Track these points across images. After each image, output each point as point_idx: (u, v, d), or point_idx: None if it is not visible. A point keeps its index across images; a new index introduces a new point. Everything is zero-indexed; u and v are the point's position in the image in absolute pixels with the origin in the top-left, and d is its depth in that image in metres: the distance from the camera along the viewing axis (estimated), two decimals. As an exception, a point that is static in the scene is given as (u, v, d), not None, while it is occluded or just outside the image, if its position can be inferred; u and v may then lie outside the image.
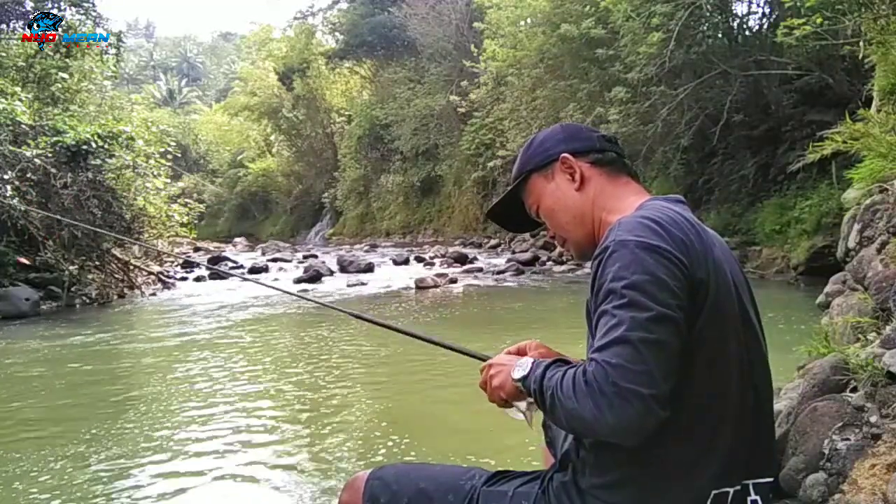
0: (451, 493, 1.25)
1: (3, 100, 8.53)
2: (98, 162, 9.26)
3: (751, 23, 11.79)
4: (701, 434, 1.06)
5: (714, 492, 1.07)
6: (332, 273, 12.67)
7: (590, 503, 1.12)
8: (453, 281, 11.01)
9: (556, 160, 1.28)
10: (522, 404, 1.21)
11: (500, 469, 1.32)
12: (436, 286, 10.36)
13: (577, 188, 1.26)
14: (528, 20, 16.19)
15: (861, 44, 5.04)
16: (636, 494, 1.08)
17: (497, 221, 1.49)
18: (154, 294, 10.26)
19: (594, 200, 1.25)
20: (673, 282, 0.99)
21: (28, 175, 8.39)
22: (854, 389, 1.58)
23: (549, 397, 1.04)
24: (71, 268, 8.77)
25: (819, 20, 5.61)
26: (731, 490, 1.08)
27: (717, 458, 1.07)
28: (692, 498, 1.07)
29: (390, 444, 3.25)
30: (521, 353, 1.33)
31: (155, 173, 10.79)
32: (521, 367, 1.14)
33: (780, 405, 1.70)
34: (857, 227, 2.51)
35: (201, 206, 15.55)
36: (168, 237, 11.91)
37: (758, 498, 1.11)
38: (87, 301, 9.06)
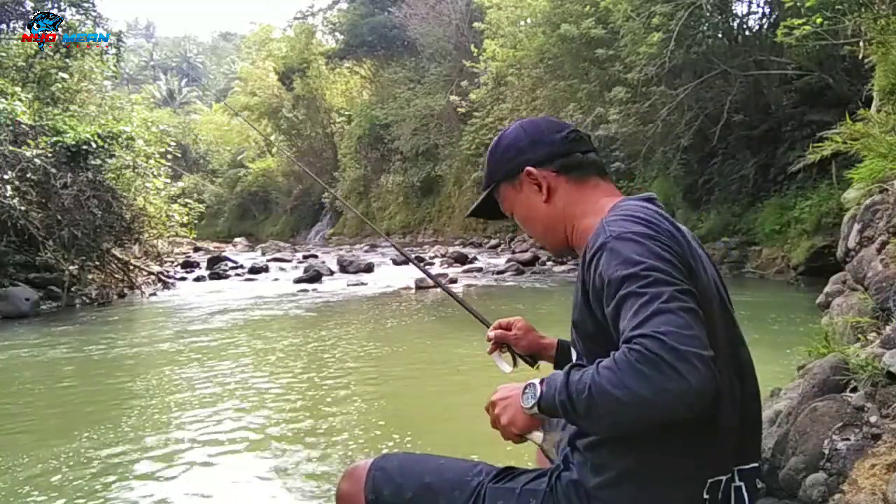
0: (458, 490, 1.24)
1: (3, 100, 8.52)
2: (98, 162, 9.26)
3: (751, 23, 11.82)
4: (695, 422, 1.05)
5: (710, 480, 1.08)
6: (332, 273, 12.66)
7: (595, 504, 1.12)
8: (453, 281, 11.01)
9: (521, 171, 1.28)
10: (538, 436, 1.16)
11: (506, 465, 1.30)
12: (436, 286, 10.34)
13: (545, 200, 1.26)
14: (528, 20, 16.21)
15: (861, 44, 5.05)
16: (636, 490, 1.09)
17: (478, 216, 1.51)
18: (154, 294, 10.25)
19: (563, 210, 1.26)
20: (679, 264, 1.01)
21: (28, 175, 8.38)
22: (854, 389, 1.58)
23: (584, 399, 0.96)
24: (71, 268, 8.77)
25: (819, 20, 5.62)
26: (724, 478, 1.09)
27: (711, 446, 1.07)
28: (690, 487, 1.08)
29: (391, 443, 3.26)
30: (506, 328, 1.54)
31: (155, 173, 10.80)
32: (530, 394, 1.08)
33: (780, 405, 1.71)
34: (857, 227, 2.51)
35: (201, 206, 15.55)
36: (168, 237, 11.92)
37: (742, 484, 1.11)
38: (87, 301, 9.06)
